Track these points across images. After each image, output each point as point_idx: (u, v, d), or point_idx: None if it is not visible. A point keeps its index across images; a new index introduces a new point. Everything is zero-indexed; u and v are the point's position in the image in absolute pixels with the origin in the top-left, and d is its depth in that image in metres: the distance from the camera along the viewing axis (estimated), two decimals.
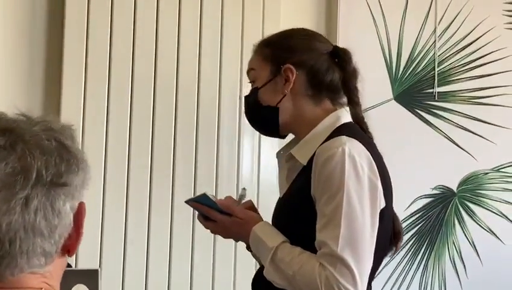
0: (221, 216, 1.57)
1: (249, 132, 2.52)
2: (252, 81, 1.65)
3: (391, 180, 1.55)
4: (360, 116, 1.60)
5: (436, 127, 2.94)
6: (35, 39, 2.43)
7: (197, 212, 1.64)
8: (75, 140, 0.90)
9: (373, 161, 1.47)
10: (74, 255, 0.94)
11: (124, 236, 2.41)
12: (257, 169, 2.58)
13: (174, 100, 2.49)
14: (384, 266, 2.67)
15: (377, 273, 1.54)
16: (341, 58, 1.61)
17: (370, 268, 1.44)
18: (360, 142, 1.48)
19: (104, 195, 2.39)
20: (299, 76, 1.57)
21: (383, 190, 1.47)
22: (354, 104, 1.60)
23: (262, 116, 1.62)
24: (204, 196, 1.58)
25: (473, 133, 2.98)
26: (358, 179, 1.43)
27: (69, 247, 0.89)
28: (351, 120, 1.59)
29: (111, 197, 2.40)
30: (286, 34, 1.65)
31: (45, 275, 0.87)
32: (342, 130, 1.52)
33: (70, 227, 0.88)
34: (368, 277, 1.43)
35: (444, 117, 2.95)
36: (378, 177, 1.46)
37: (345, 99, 1.61)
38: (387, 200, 1.50)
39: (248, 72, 1.66)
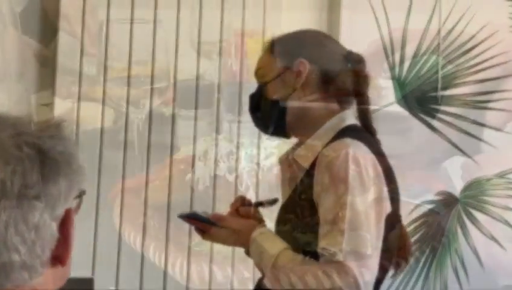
0: (215, 229, 1.54)
1: (249, 134, 2.49)
2: (260, 79, 1.58)
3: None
4: (368, 122, 1.56)
5: (439, 132, 2.90)
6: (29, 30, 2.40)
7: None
8: (62, 140, 0.83)
9: (378, 165, 1.43)
10: (68, 264, 0.87)
11: (118, 243, 2.38)
12: (255, 173, 2.54)
13: (172, 98, 2.47)
14: None
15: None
16: (355, 63, 1.57)
17: (375, 276, 1.40)
18: (365, 144, 1.44)
19: (98, 200, 2.36)
20: (311, 72, 1.51)
21: (389, 194, 1.43)
22: (363, 110, 1.56)
23: (269, 111, 1.55)
24: (193, 214, 1.58)
25: (476, 138, 2.94)
26: (363, 183, 1.40)
27: (60, 257, 0.83)
28: (356, 122, 1.54)
29: (105, 202, 2.38)
30: (298, 32, 1.61)
31: (36, 288, 0.81)
32: (346, 132, 1.49)
33: (55, 238, 0.81)
34: (372, 285, 1.40)
35: (447, 121, 2.91)
36: (384, 181, 1.43)
37: (353, 104, 1.56)
38: (393, 205, 1.45)
39: (256, 72, 1.60)
